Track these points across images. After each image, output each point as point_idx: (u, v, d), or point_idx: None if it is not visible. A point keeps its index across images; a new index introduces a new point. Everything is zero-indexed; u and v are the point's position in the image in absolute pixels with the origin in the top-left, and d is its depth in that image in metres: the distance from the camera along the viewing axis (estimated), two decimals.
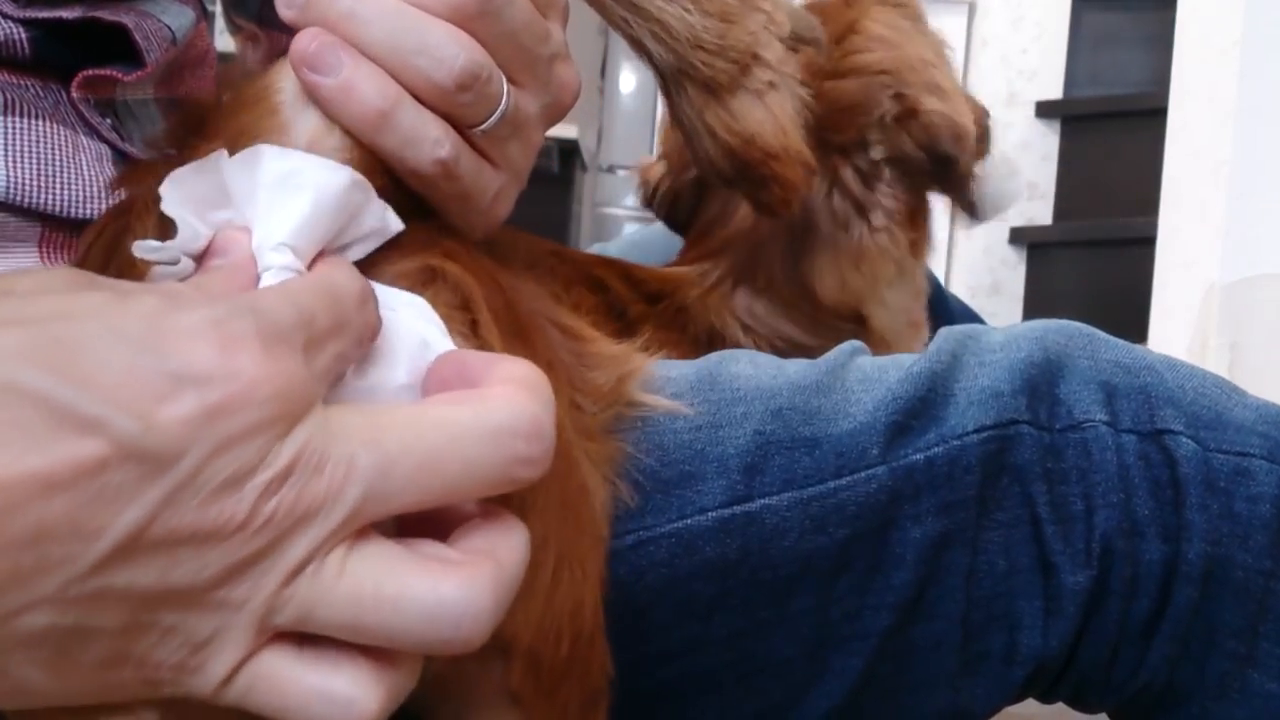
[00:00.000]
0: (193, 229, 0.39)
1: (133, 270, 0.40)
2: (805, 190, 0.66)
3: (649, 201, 0.88)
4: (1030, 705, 0.60)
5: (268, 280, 0.37)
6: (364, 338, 0.36)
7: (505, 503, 0.40)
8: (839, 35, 0.80)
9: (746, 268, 0.78)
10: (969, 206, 0.85)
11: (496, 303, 0.43)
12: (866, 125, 0.79)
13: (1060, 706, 0.59)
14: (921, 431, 0.54)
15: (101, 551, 0.29)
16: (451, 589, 0.32)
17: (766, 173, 0.64)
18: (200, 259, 0.39)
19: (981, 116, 0.86)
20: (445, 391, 0.35)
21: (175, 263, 0.38)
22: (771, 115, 0.63)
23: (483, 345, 0.41)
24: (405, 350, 0.37)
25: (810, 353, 0.62)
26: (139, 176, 0.44)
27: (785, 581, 0.53)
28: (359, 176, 0.40)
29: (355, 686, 0.32)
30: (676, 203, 0.87)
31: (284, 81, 0.42)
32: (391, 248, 0.42)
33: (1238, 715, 0.55)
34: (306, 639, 0.32)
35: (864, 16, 0.81)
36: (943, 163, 0.80)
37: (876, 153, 0.79)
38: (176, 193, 0.39)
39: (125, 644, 0.31)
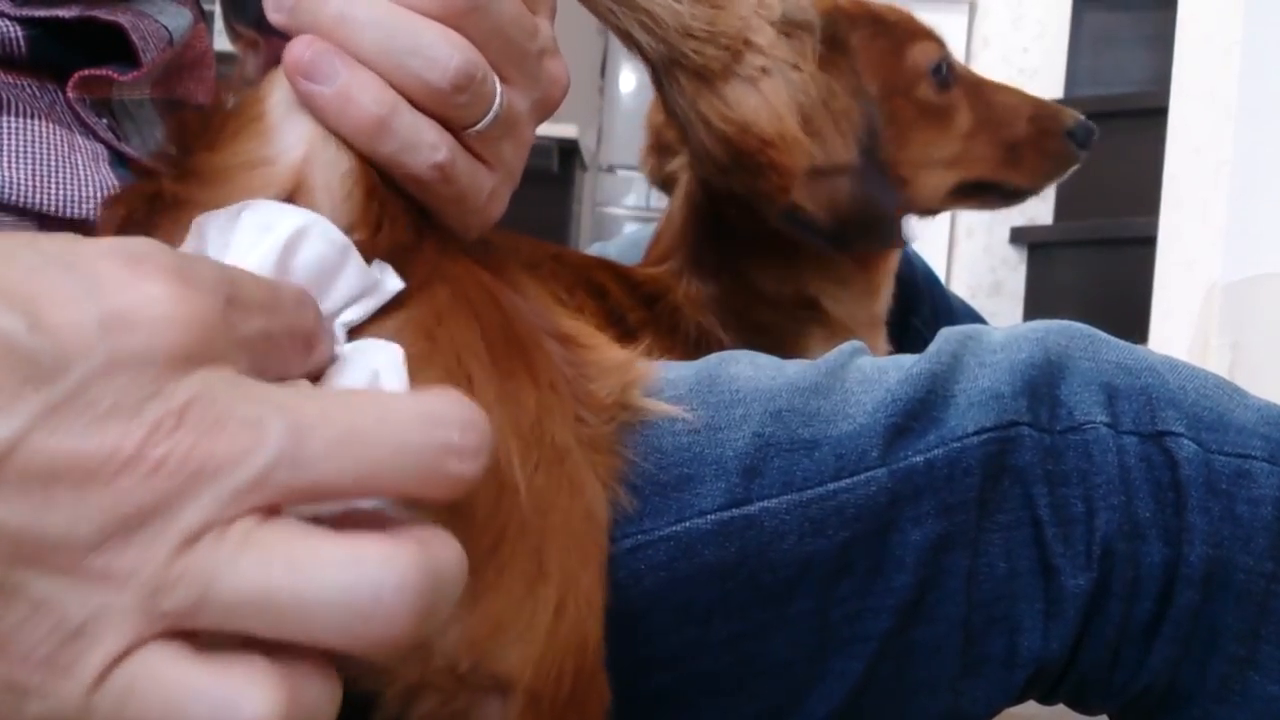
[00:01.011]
0: None
1: None
2: (801, 176, 0.66)
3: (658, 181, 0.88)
4: (1030, 706, 0.60)
5: None
6: (296, 333, 0.33)
7: (505, 534, 0.38)
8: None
9: (695, 261, 0.78)
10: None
11: (492, 327, 0.42)
12: None
13: (1060, 707, 0.59)
14: (921, 433, 0.54)
15: None
16: (373, 559, 0.28)
17: (764, 161, 0.63)
18: None
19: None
20: None
21: None
22: (766, 102, 0.63)
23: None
24: (352, 379, 0.36)
25: (783, 335, 0.61)
26: (135, 192, 0.44)
27: (785, 584, 0.53)
28: (336, 233, 0.39)
29: (253, 692, 0.28)
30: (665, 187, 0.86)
31: (273, 94, 0.42)
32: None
33: (1239, 718, 0.55)
34: (200, 640, 0.28)
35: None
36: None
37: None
38: None
39: None
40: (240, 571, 0.28)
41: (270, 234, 0.37)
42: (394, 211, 0.42)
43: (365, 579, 0.28)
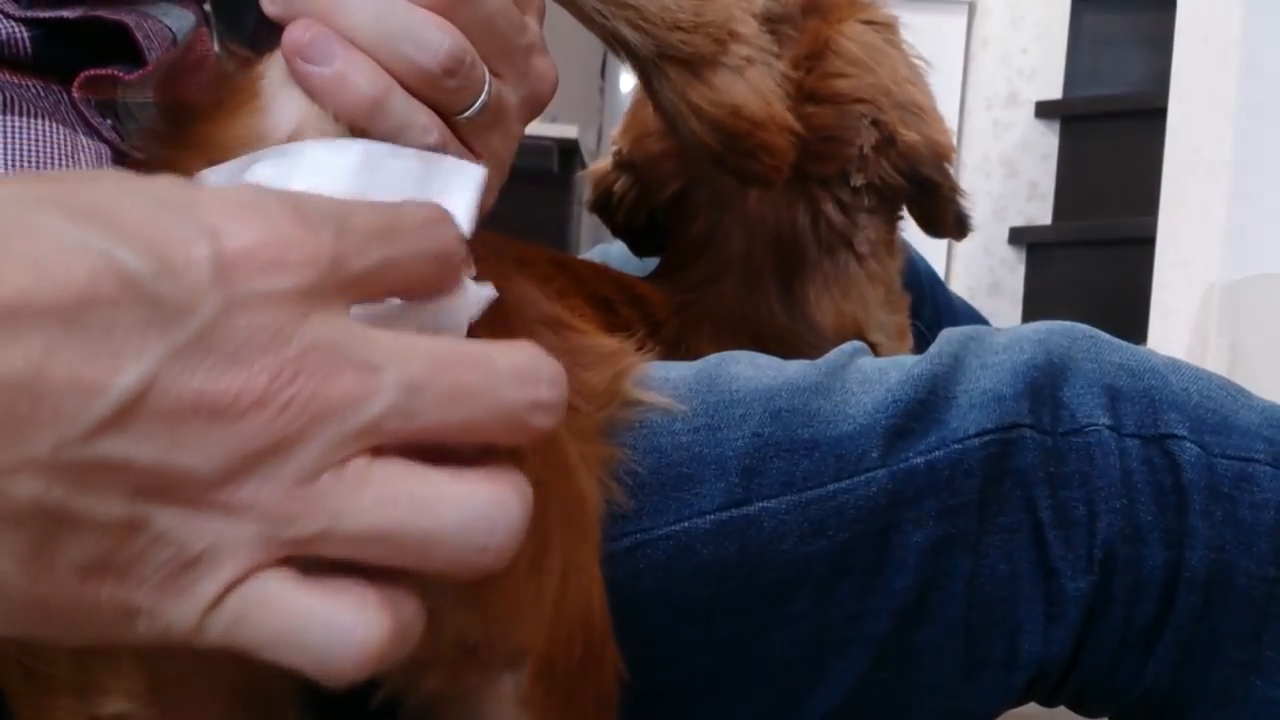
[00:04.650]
0: None
1: None
2: (791, 158, 0.67)
3: (601, 208, 0.88)
4: (1030, 707, 0.60)
5: None
6: (429, 255, 0.33)
7: None
8: (814, 53, 0.79)
9: (747, 295, 0.78)
10: (959, 221, 0.84)
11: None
12: (847, 158, 0.79)
13: (1060, 708, 0.59)
14: (922, 434, 0.54)
15: (101, 411, 0.27)
16: (485, 493, 0.31)
17: (755, 142, 0.64)
18: None
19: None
20: None
21: None
22: (753, 88, 0.64)
23: None
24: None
25: None
26: (131, 167, 0.44)
27: (784, 585, 0.53)
28: (372, 145, 0.39)
29: (364, 617, 0.30)
30: (635, 213, 0.86)
31: (269, 72, 0.43)
32: None
33: None
34: (309, 567, 0.30)
35: (838, 34, 0.80)
36: (925, 186, 0.80)
37: (857, 180, 0.79)
38: None
39: (112, 546, 0.28)
40: (365, 508, 0.30)
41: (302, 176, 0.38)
42: None
43: (482, 515, 0.31)
